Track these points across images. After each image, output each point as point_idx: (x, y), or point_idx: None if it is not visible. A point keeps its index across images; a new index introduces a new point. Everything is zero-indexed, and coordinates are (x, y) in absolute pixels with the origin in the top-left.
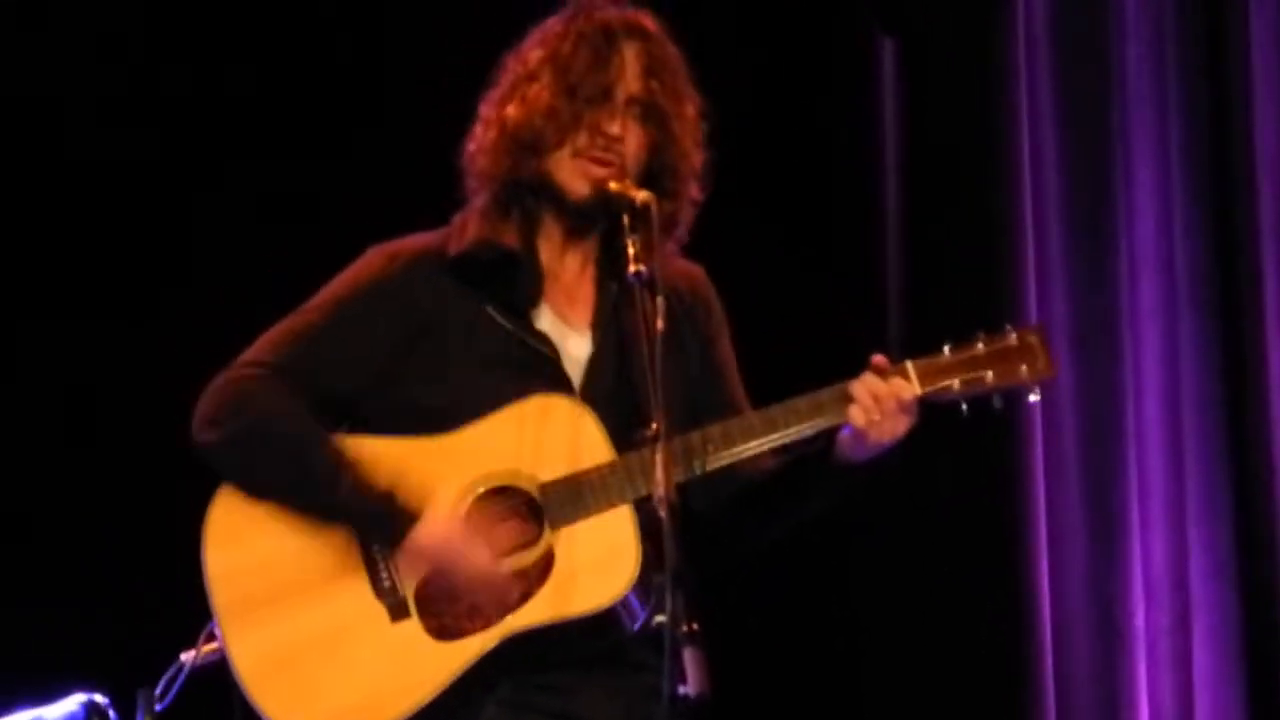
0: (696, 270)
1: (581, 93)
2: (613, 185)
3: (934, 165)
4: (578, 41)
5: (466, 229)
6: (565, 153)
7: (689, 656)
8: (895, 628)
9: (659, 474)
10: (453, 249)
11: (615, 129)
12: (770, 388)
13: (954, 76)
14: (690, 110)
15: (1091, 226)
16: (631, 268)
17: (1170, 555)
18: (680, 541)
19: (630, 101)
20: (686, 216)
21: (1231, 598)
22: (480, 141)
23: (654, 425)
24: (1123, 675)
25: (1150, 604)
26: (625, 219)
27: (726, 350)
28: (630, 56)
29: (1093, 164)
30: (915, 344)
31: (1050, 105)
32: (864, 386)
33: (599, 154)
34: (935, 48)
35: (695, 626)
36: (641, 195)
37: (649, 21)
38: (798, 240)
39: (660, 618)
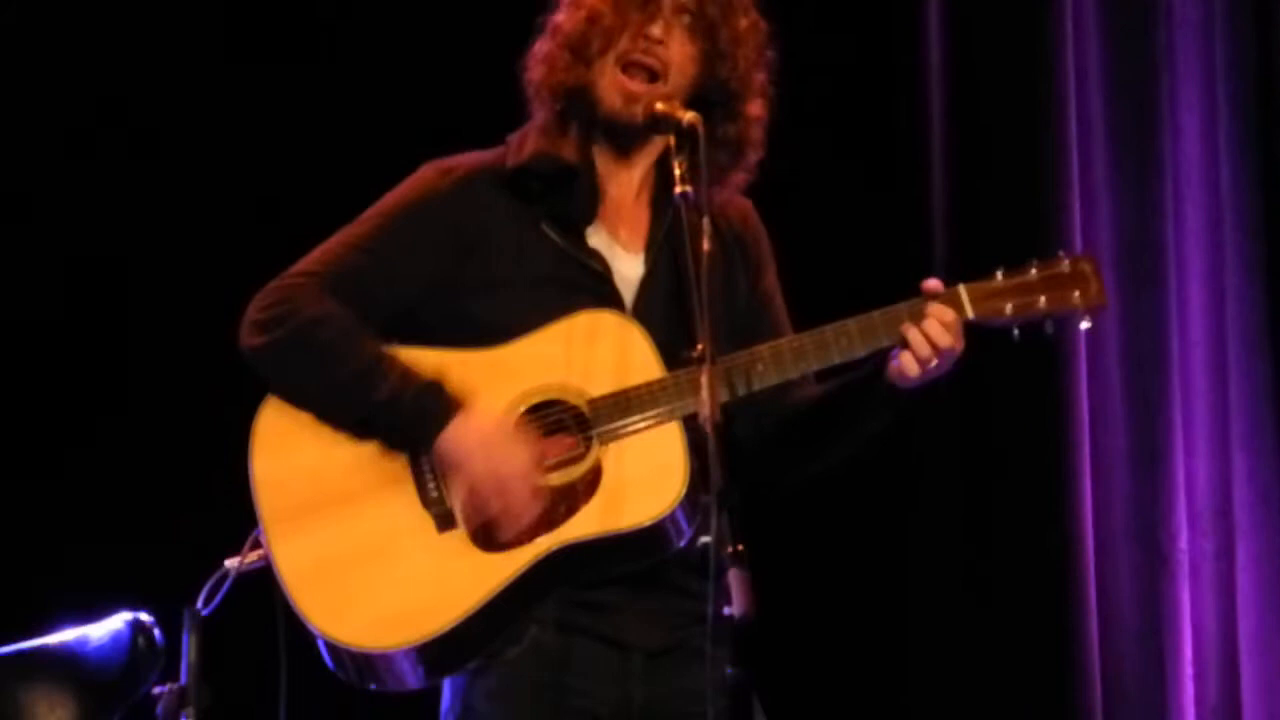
0: (745, 203)
1: (629, 1)
2: (659, 106)
3: (978, 88)
4: None
5: (525, 144)
6: (609, 60)
7: (733, 577)
8: (940, 553)
9: (704, 395)
10: (511, 160)
11: (656, 30)
12: (819, 308)
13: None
14: (744, 24)
15: (1137, 149)
16: (678, 188)
17: (1214, 481)
18: (726, 462)
19: (677, 9)
20: (754, 135)
21: (1276, 523)
22: (535, 51)
23: (699, 346)
24: (1166, 600)
25: (1194, 530)
26: (672, 139)
27: (774, 283)
28: None
29: (1137, 86)
30: (960, 267)
31: (1095, 28)
32: (917, 331)
33: (639, 56)
34: None
35: (740, 548)
36: (688, 115)
37: None
38: (845, 164)
39: (705, 538)
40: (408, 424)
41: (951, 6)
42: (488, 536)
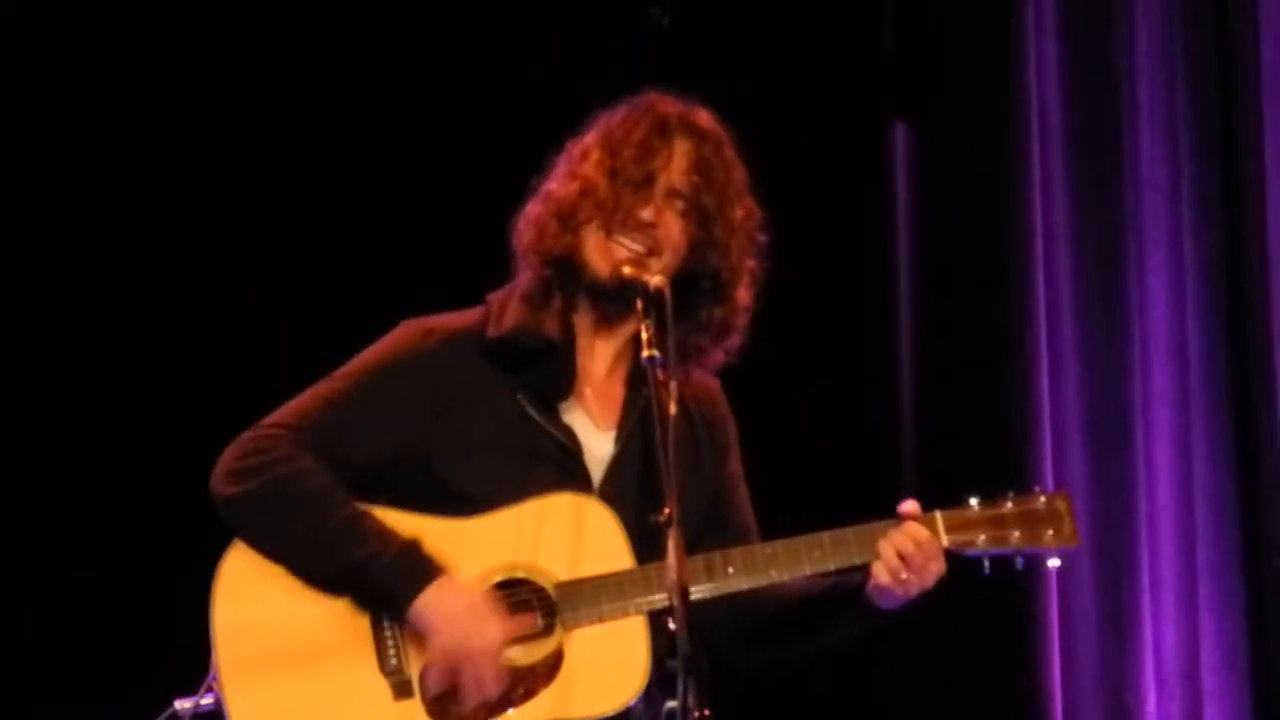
0: (712, 382)
1: (623, 175)
2: (627, 270)
3: (946, 253)
4: (632, 128)
5: (506, 311)
6: (598, 230)
7: None
8: (908, 716)
9: (671, 559)
10: (492, 331)
11: (648, 214)
12: (786, 517)
13: (967, 163)
14: (739, 214)
15: (1104, 314)
16: (645, 352)
17: (1182, 645)
18: (693, 630)
19: (671, 193)
20: (739, 321)
21: (1243, 688)
22: (526, 215)
23: (666, 510)
24: None
25: (1161, 693)
26: (639, 303)
27: (738, 469)
28: (680, 150)
29: (1105, 251)
30: (927, 431)
31: (1063, 192)
32: (890, 546)
33: (628, 235)
34: (948, 133)
35: (707, 713)
36: (655, 280)
37: (708, 120)
38: (806, 332)
39: (671, 703)
40: (384, 586)
41: (920, 173)
42: (443, 709)
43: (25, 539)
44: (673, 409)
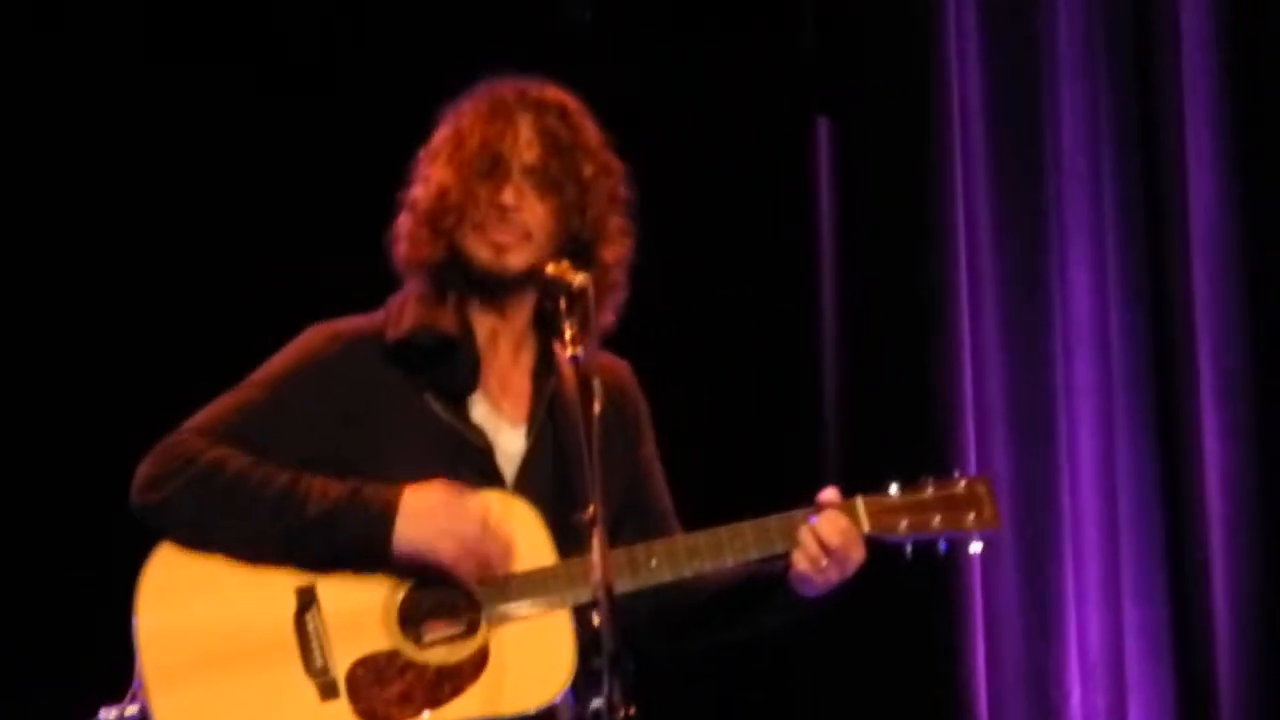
0: (621, 363)
1: (475, 167)
2: (550, 269)
3: (869, 244)
4: (474, 118)
5: (404, 313)
6: (468, 228)
7: None
8: (831, 706)
9: (594, 555)
10: (390, 333)
11: (508, 198)
12: (706, 505)
13: (889, 156)
14: (590, 171)
15: (1027, 304)
16: (569, 351)
17: (1106, 635)
18: (619, 629)
19: (525, 170)
20: (615, 278)
21: (1167, 679)
22: (398, 227)
23: (590, 508)
24: None
25: (1086, 684)
26: (562, 303)
27: (652, 451)
28: (523, 126)
29: (1027, 240)
30: (851, 419)
31: (985, 182)
32: (811, 534)
33: (495, 226)
34: (870, 127)
35: (633, 711)
36: (579, 279)
37: (550, 93)
38: (730, 325)
39: (597, 701)
40: (355, 530)
41: (842, 167)
42: (370, 711)
43: None
44: (597, 407)
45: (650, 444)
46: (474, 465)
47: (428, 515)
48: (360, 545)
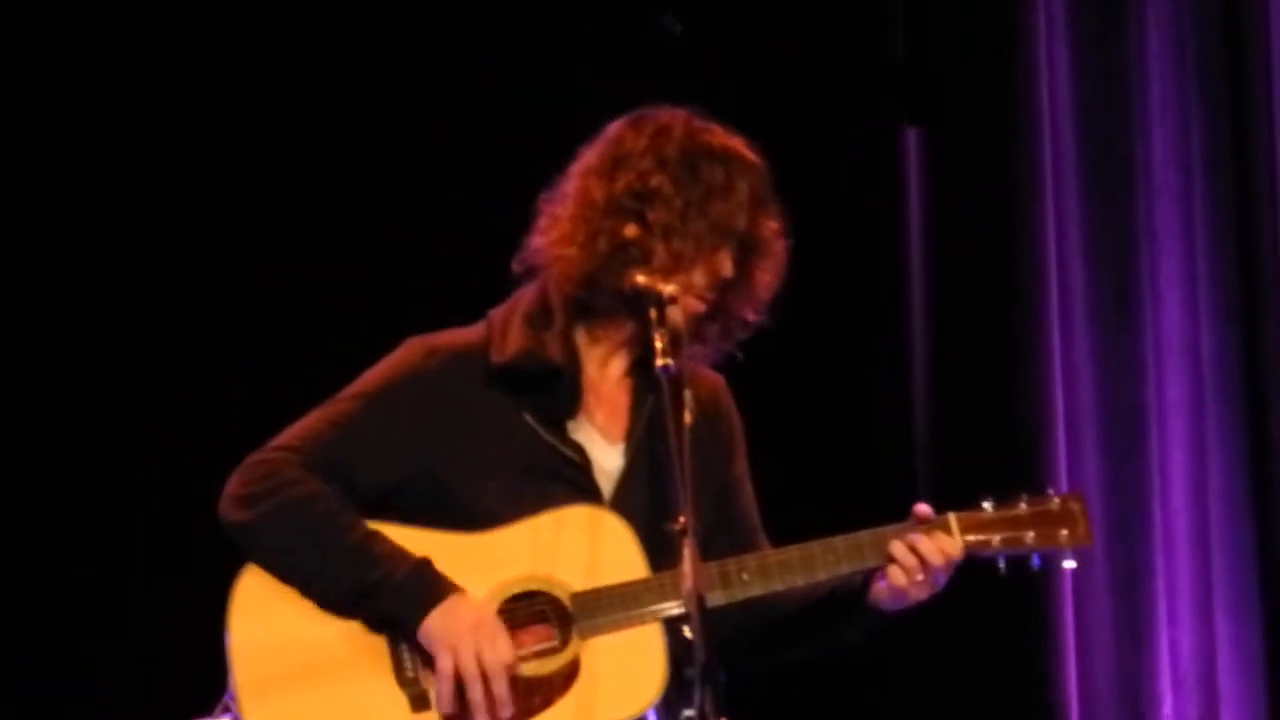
0: (717, 379)
1: (710, 228)
2: (640, 279)
3: (958, 259)
4: (698, 165)
5: (509, 334)
6: (678, 281)
7: None
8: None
9: (686, 565)
10: (495, 356)
11: (727, 273)
12: (797, 521)
13: (978, 169)
14: (780, 245)
15: (1118, 319)
16: (659, 361)
17: (1198, 648)
18: (710, 638)
19: (741, 239)
20: (743, 331)
21: (1259, 690)
22: (551, 248)
23: (681, 519)
24: None
25: (1178, 697)
26: (653, 313)
27: (743, 468)
28: (744, 191)
29: (1118, 256)
30: (942, 436)
31: (1075, 198)
32: (906, 544)
33: (709, 295)
34: (960, 138)
35: None
36: (669, 289)
37: (754, 152)
38: (821, 342)
39: (689, 712)
40: (393, 609)
41: (931, 178)
42: None
43: (38, 562)
44: (688, 419)
45: (742, 461)
46: (571, 482)
47: (457, 624)
48: (395, 618)
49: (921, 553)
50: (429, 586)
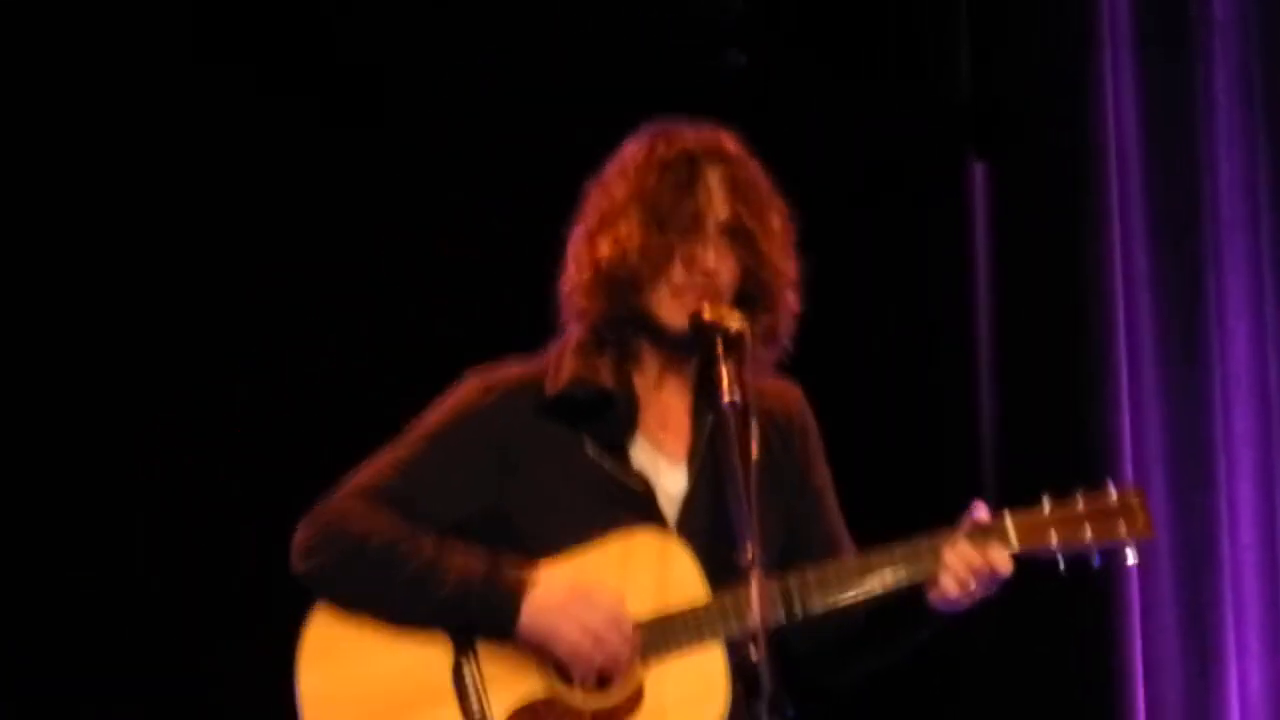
0: (792, 389)
1: (672, 225)
2: (706, 314)
3: (1025, 292)
4: (661, 172)
5: (562, 365)
6: (663, 289)
7: None
8: None
9: (753, 597)
10: (549, 388)
11: (711, 261)
12: (861, 523)
13: (1045, 203)
14: (777, 222)
15: (1185, 353)
16: (726, 397)
17: (1268, 683)
18: (775, 668)
19: (720, 228)
20: (787, 327)
21: None
22: (575, 281)
23: (749, 552)
24: None
25: None
26: (719, 347)
27: (823, 473)
28: (715, 181)
29: (1185, 289)
30: (1009, 471)
31: (1141, 231)
32: (958, 555)
33: (694, 289)
34: (1026, 172)
35: None
36: (735, 323)
37: (728, 141)
38: (888, 364)
39: None
40: (483, 617)
41: (998, 212)
42: None
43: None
44: (756, 450)
45: (821, 469)
46: (635, 509)
47: (555, 603)
48: (488, 626)
49: (972, 566)
50: (508, 583)
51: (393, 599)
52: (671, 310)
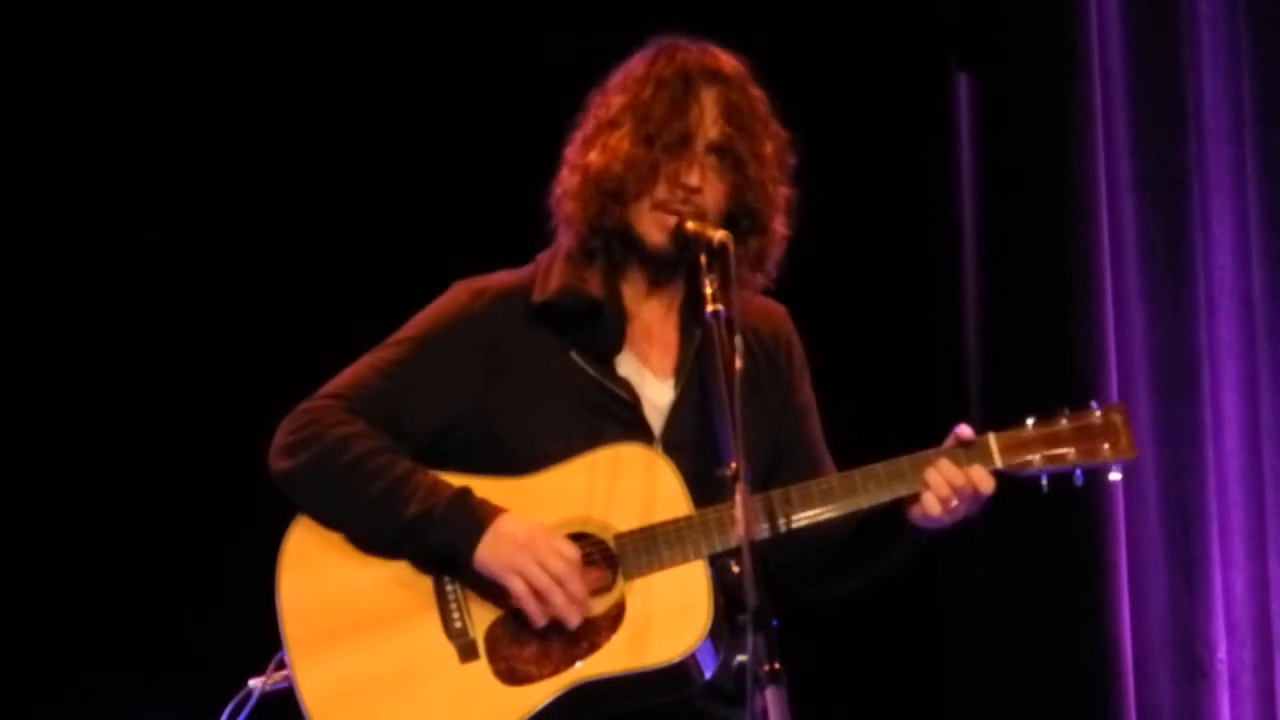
0: (778, 308)
1: (660, 141)
2: (690, 225)
3: (1010, 201)
4: (657, 87)
5: (551, 274)
6: (644, 203)
7: (771, 696)
8: (977, 663)
9: (738, 512)
10: (537, 295)
11: (694, 180)
12: (847, 441)
13: (1029, 111)
14: (770, 149)
15: (1169, 262)
16: (709, 307)
17: (1252, 591)
18: (760, 581)
19: (709, 148)
20: (775, 252)
21: None
22: (566, 186)
23: (733, 465)
24: (1205, 711)
25: (1232, 640)
26: (702, 259)
27: (808, 396)
28: (708, 102)
29: (1169, 197)
30: (994, 379)
31: (1126, 138)
32: (940, 473)
33: (678, 206)
34: (1011, 84)
35: (777, 666)
36: (719, 235)
37: (728, 63)
38: (873, 280)
39: (741, 657)
40: (442, 542)
41: (983, 122)
42: (510, 670)
43: (89, 527)
44: (739, 363)
45: (806, 389)
46: (620, 418)
47: (514, 543)
48: (446, 552)
49: (955, 485)
50: (472, 514)
51: (360, 514)
52: (651, 225)
